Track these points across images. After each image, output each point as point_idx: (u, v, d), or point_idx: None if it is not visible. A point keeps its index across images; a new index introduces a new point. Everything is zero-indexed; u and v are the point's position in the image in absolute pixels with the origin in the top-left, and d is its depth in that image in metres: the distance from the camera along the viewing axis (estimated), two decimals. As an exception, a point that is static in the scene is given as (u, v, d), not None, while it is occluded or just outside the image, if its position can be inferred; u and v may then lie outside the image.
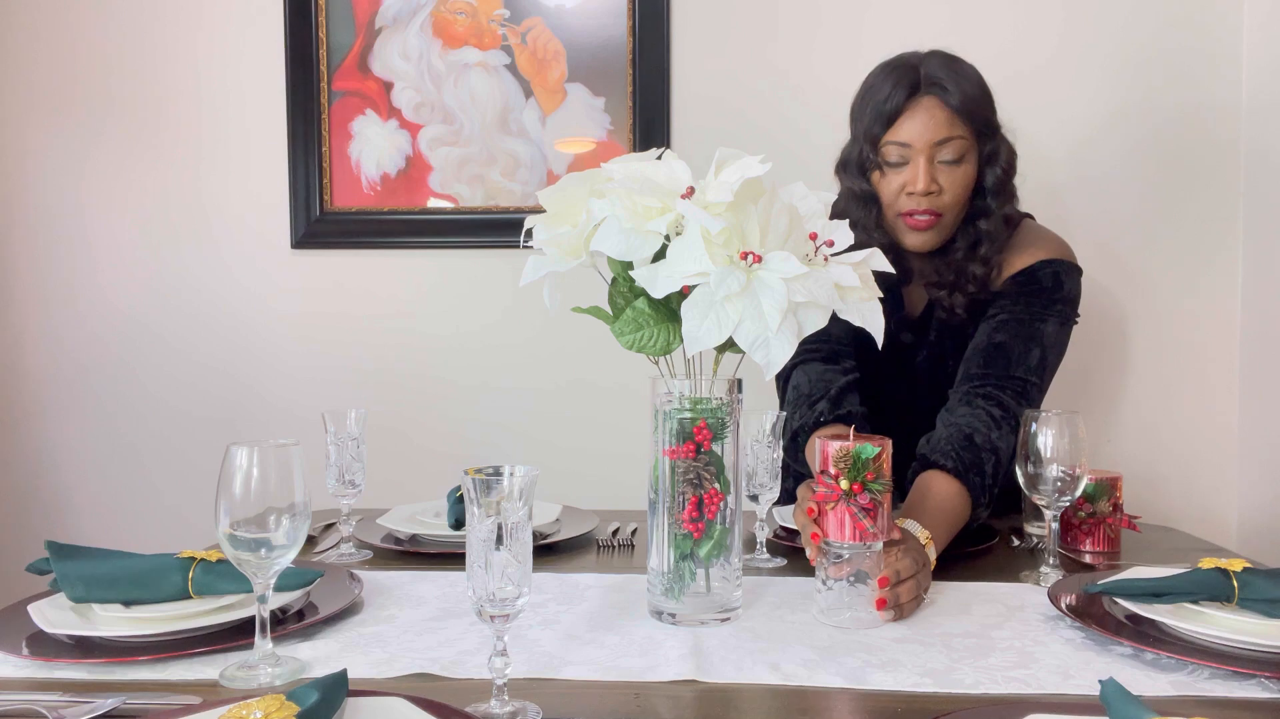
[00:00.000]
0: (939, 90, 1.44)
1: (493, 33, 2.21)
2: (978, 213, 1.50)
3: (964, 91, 1.45)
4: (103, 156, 2.30)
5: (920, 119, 1.44)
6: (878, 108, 1.46)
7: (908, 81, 1.45)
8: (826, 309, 1.01)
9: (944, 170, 1.45)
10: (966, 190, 1.48)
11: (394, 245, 2.27)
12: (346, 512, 1.41)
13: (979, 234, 1.50)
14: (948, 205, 1.47)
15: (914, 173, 1.45)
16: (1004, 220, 1.51)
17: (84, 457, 2.34)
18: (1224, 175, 2.10)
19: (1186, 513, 2.09)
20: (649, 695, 0.90)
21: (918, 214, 1.46)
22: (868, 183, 1.50)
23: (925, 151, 1.44)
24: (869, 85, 1.51)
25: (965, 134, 1.45)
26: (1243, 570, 1.04)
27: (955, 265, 1.51)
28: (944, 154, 1.45)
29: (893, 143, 1.46)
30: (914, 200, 1.46)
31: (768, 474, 1.33)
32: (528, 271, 1.13)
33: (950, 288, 1.52)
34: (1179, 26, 2.09)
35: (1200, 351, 2.13)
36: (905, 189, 1.46)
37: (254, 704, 0.74)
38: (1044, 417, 1.25)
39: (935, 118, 1.44)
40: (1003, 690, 0.90)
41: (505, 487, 0.84)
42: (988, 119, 1.48)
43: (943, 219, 1.47)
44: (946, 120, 1.44)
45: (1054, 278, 1.51)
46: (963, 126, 1.45)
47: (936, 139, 1.44)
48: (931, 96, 1.45)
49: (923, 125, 1.44)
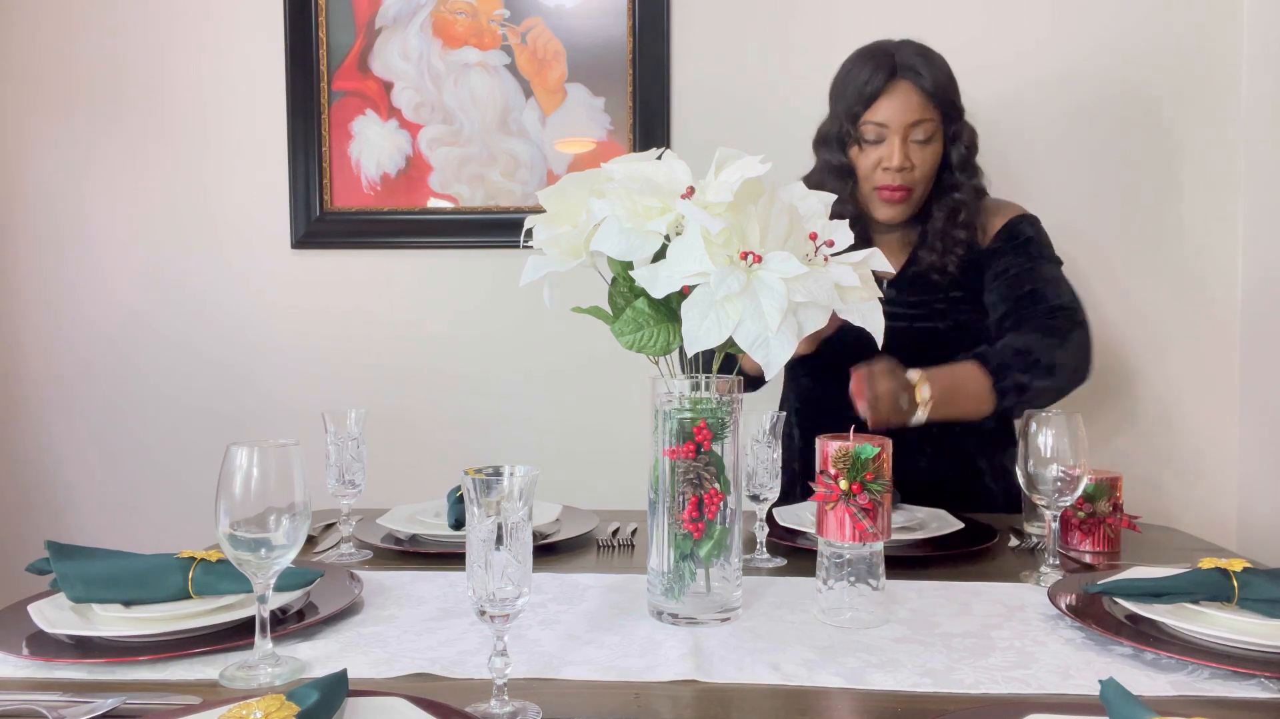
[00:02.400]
0: (914, 75, 1.60)
1: (493, 33, 2.21)
2: (950, 186, 1.66)
3: (935, 78, 1.61)
4: (104, 156, 2.30)
5: (897, 101, 1.60)
6: (858, 89, 1.61)
7: (886, 66, 1.60)
8: (826, 309, 1.01)
9: (915, 149, 1.61)
10: (934, 167, 1.64)
11: (394, 245, 2.27)
12: (346, 512, 1.41)
13: (955, 204, 1.66)
14: (917, 181, 1.63)
15: (889, 150, 1.60)
16: (974, 192, 1.67)
17: (84, 456, 2.34)
18: (1224, 175, 2.10)
19: (1186, 513, 2.10)
20: (649, 695, 0.90)
21: (891, 188, 1.62)
22: (845, 157, 1.64)
23: (900, 131, 1.60)
24: (848, 68, 1.66)
25: (934, 116, 1.61)
26: (1243, 570, 1.04)
27: (939, 234, 1.66)
28: (916, 134, 1.61)
29: (871, 122, 1.61)
30: (888, 175, 1.61)
31: (768, 474, 1.33)
32: (528, 271, 1.13)
33: (940, 253, 1.65)
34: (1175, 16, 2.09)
35: (1200, 352, 2.13)
36: (880, 164, 1.61)
37: (254, 704, 0.74)
38: (1044, 417, 1.25)
39: (910, 100, 1.59)
40: (1002, 690, 0.90)
41: (505, 487, 0.84)
42: (954, 103, 1.64)
43: (912, 194, 1.64)
44: (920, 103, 1.60)
45: (1032, 226, 1.70)
46: (933, 109, 1.61)
47: (910, 120, 1.60)
48: (907, 81, 1.60)
49: (899, 107, 1.59)
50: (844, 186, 1.64)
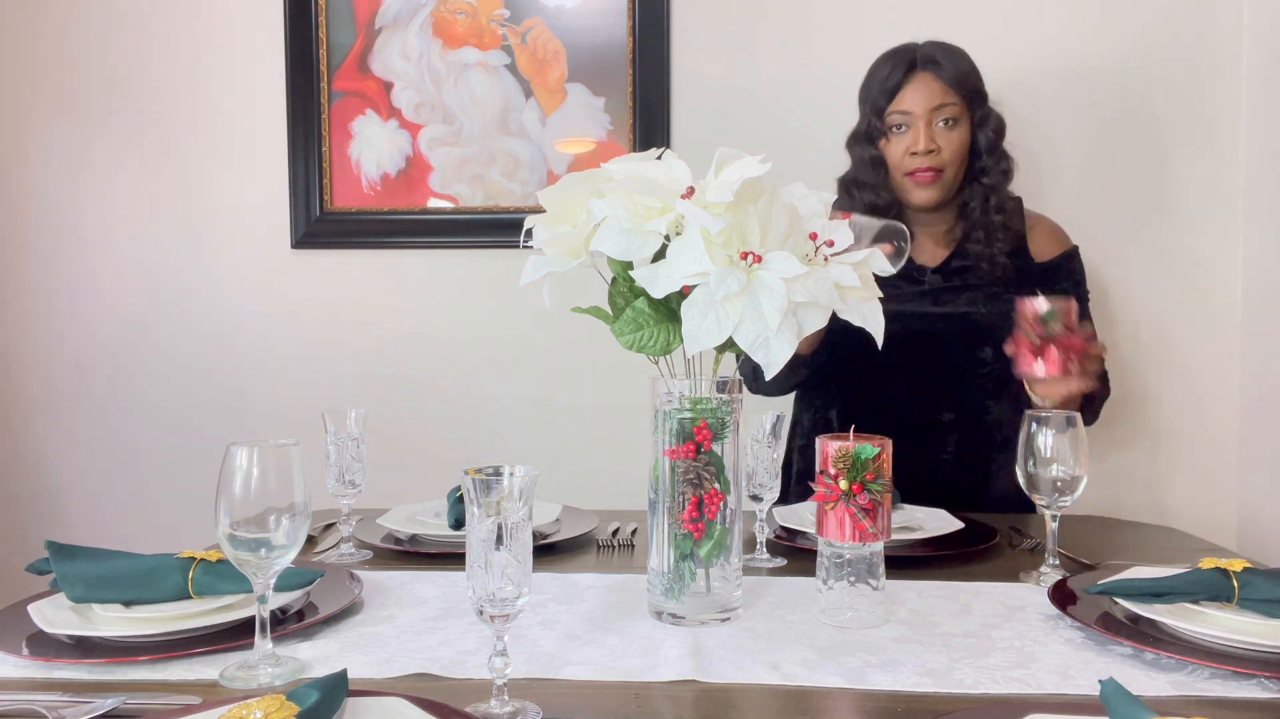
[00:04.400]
0: (933, 65, 1.67)
1: (493, 33, 2.21)
2: (979, 172, 1.71)
3: (956, 66, 1.68)
4: (103, 156, 2.30)
5: (919, 89, 1.67)
6: (881, 84, 1.69)
7: (905, 61, 1.68)
8: (826, 309, 1.01)
9: (941, 133, 1.67)
10: (963, 149, 1.69)
11: (394, 245, 2.27)
12: (346, 512, 1.41)
13: (986, 189, 1.71)
14: (947, 162, 1.67)
15: (915, 136, 1.67)
16: (1003, 175, 1.72)
17: (84, 456, 2.34)
18: (1224, 174, 2.10)
19: (1186, 513, 2.10)
20: (649, 695, 0.90)
21: (921, 171, 1.67)
22: (876, 149, 1.71)
23: (924, 116, 1.66)
24: (873, 70, 1.74)
25: (958, 101, 1.67)
26: (1243, 570, 1.04)
27: (979, 224, 1.70)
28: (941, 118, 1.67)
29: (896, 111, 1.68)
30: (917, 160, 1.67)
31: (768, 474, 1.33)
32: (528, 271, 1.13)
33: (985, 242, 1.69)
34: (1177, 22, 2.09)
35: (1200, 351, 2.13)
36: (909, 150, 1.67)
37: (254, 704, 0.74)
38: (1044, 417, 1.25)
39: (931, 88, 1.67)
40: (1003, 690, 0.90)
41: (505, 486, 0.84)
42: (977, 88, 1.70)
43: (943, 175, 1.68)
44: (941, 90, 1.67)
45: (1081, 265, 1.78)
46: (955, 95, 1.67)
47: (933, 105, 1.66)
48: (927, 71, 1.67)
49: (921, 94, 1.66)
50: (878, 177, 1.71)
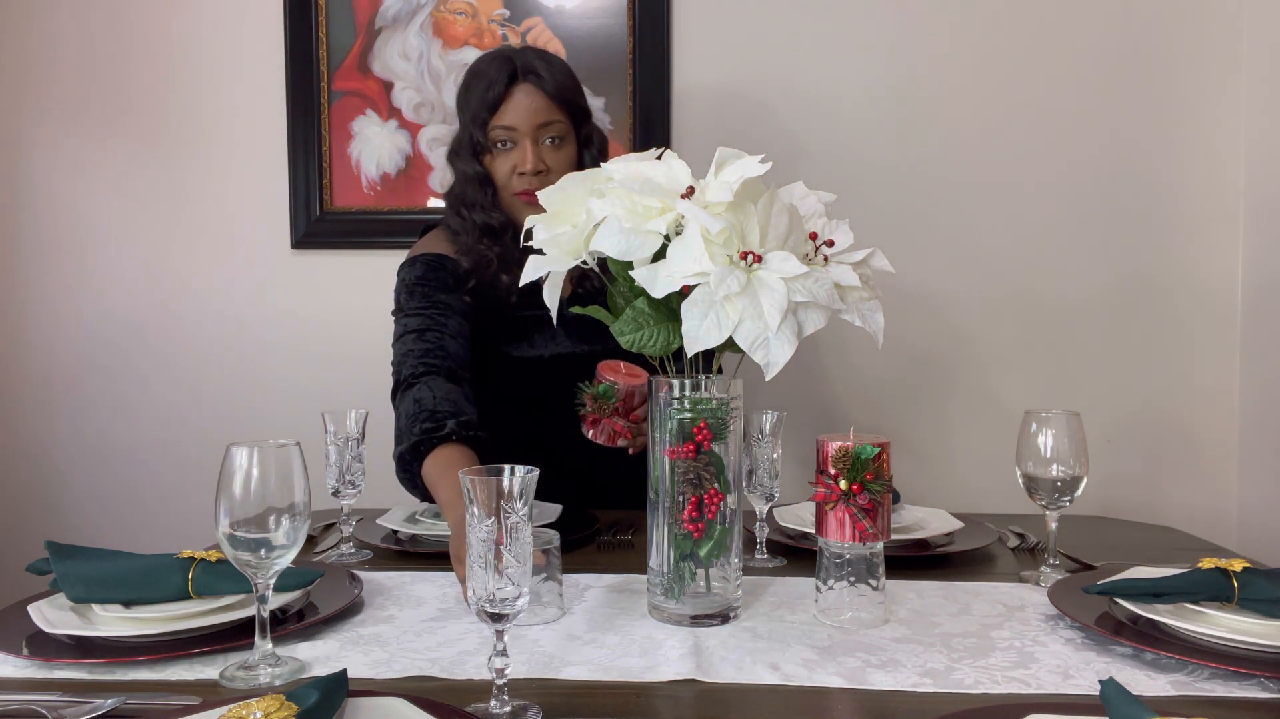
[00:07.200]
0: (535, 78, 1.59)
1: (493, 33, 2.21)
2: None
3: (557, 79, 1.60)
4: (102, 156, 2.30)
5: (522, 104, 1.58)
6: (482, 95, 1.60)
7: (506, 71, 1.59)
8: (826, 309, 1.01)
9: (549, 152, 1.60)
10: (571, 168, 1.59)
11: (394, 245, 2.26)
12: (346, 512, 1.41)
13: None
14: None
15: (522, 155, 1.59)
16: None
17: (84, 456, 2.33)
18: (1224, 174, 2.10)
19: (1186, 513, 2.10)
20: (649, 695, 0.90)
21: (530, 193, 1.54)
22: (481, 165, 1.62)
23: (530, 134, 1.58)
24: (470, 77, 1.64)
25: (563, 118, 1.61)
26: (1243, 570, 1.04)
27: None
28: (547, 136, 1.59)
29: (499, 127, 1.59)
30: (525, 180, 1.59)
31: (768, 474, 1.33)
32: (528, 271, 1.13)
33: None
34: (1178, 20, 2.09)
35: (1200, 351, 2.13)
36: (516, 170, 1.60)
37: (254, 704, 0.74)
38: (1044, 416, 1.24)
39: (535, 102, 1.58)
40: (1003, 690, 0.90)
41: (505, 487, 0.84)
42: (581, 104, 1.64)
43: None
44: (545, 105, 1.59)
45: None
46: (560, 111, 1.60)
47: (538, 122, 1.58)
48: (529, 83, 1.59)
49: (525, 110, 1.58)
50: (486, 196, 1.62)
